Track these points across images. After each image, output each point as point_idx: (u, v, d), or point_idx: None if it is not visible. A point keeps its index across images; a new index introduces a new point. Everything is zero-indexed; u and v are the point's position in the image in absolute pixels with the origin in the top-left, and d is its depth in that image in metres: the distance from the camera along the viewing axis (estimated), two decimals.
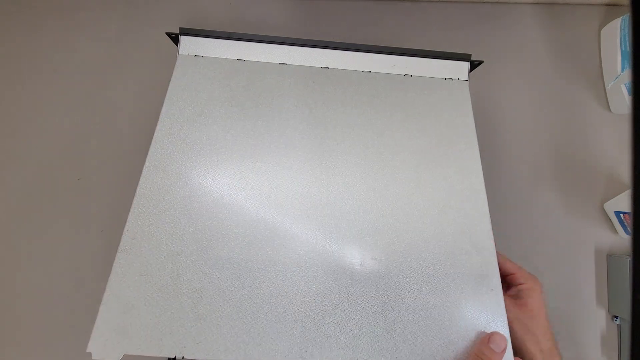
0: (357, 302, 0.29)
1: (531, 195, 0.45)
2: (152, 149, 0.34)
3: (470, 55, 0.41)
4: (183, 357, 0.26)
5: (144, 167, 0.33)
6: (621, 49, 0.45)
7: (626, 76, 0.44)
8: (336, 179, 0.35)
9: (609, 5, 0.51)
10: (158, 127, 0.35)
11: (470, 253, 0.32)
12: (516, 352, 0.29)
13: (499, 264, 0.32)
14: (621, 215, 0.42)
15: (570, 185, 0.45)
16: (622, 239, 0.43)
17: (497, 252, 0.32)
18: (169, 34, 0.40)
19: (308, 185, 0.34)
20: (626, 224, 0.42)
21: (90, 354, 0.26)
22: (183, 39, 0.40)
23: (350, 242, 0.32)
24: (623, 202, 0.41)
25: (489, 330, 0.29)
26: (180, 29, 0.40)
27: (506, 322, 0.29)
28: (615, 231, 0.43)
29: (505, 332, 0.29)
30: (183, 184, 0.33)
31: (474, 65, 0.42)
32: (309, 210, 0.33)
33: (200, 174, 0.34)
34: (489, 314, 0.30)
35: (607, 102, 0.48)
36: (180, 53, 0.40)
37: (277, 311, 0.28)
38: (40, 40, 0.49)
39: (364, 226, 0.33)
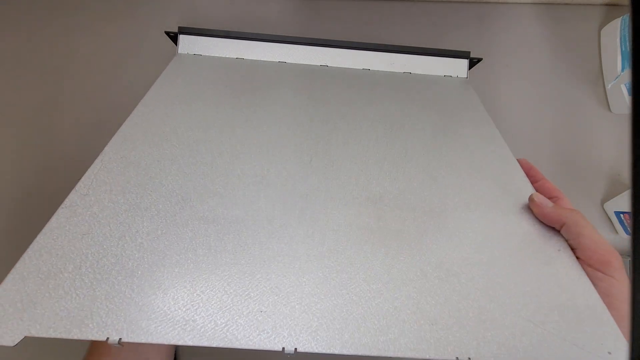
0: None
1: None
2: (135, 112, 0.33)
3: (469, 52, 0.41)
4: (120, 340, 0.19)
5: (121, 127, 0.31)
6: (621, 49, 0.45)
7: (626, 76, 0.44)
8: (346, 148, 0.32)
9: (609, 5, 0.51)
10: (142, 100, 0.34)
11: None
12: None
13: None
14: (621, 215, 0.41)
15: (570, 185, 0.45)
16: (622, 239, 0.43)
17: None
18: (168, 33, 0.40)
19: (312, 159, 0.31)
20: (626, 224, 0.41)
21: None
22: (182, 37, 0.40)
23: (370, 204, 0.27)
24: (623, 202, 0.41)
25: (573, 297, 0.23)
26: (179, 27, 0.40)
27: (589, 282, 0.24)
28: (615, 231, 0.43)
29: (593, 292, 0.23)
30: (161, 141, 0.30)
31: (473, 63, 0.42)
32: (318, 173, 0.29)
33: (186, 133, 0.31)
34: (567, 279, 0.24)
35: (607, 102, 0.47)
36: (179, 52, 0.40)
37: (268, 287, 0.22)
38: (40, 40, 0.49)
39: (382, 188, 0.29)
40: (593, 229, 0.24)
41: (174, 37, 0.40)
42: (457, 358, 0.19)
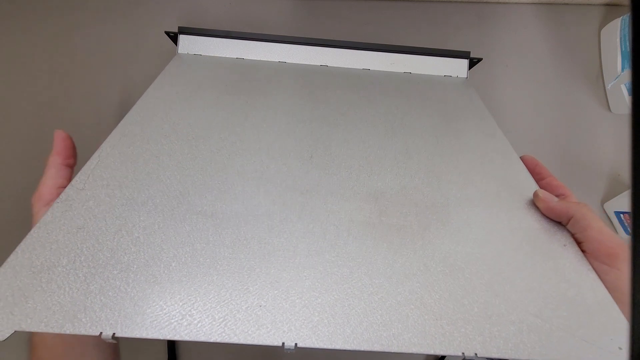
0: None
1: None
2: (134, 108, 0.32)
3: (469, 52, 0.41)
4: (114, 335, 0.18)
5: (119, 123, 0.30)
6: (621, 49, 0.45)
7: (626, 76, 0.44)
8: (347, 145, 0.31)
9: (609, 5, 0.51)
10: (142, 97, 0.33)
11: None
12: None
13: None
14: (621, 215, 0.41)
15: (570, 185, 0.45)
16: (622, 239, 0.43)
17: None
18: (168, 33, 0.40)
19: (314, 155, 0.30)
20: (626, 224, 0.41)
21: None
22: (182, 37, 0.40)
23: (371, 199, 0.27)
24: (623, 202, 0.41)
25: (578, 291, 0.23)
26: (179, 27, 0.40)
27: (597, 277, 0.23)
28: (615, 231, 0.43)
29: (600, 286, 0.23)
30: (159, 138, 0.29)
31: (473, 63, 0.42)
32: (319, 166, 0.29)
33: (185, 130, 0.31)
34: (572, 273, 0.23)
35: (607, 102, 0.47)
36: (179, 52, 0.40)
37: (268, 281, 0.21)
38: (40, 40, 0.49)
39: (383, 184, 0.28)
40: (601, 221, 0.24)
41: (174, 37, 0.41)
42: (463, 354, 0.19)
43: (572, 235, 0.25)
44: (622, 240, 0.23)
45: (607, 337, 0.20)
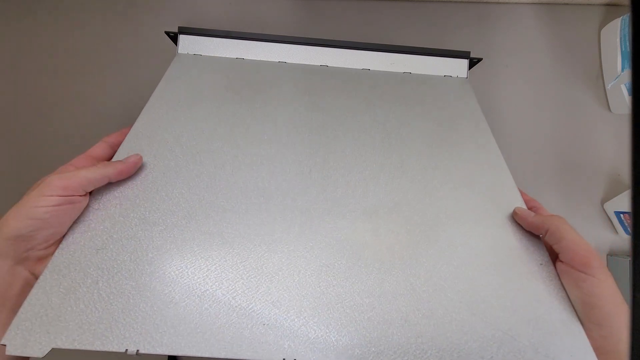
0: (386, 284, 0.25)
1: (531, 195, 0.45)
2: (139, 119, 0.32)
3: (469, 52, 0.41)
4: (138, 352, 0.20)
5: (126, 137, 0.31)
6: (621, 49, 0.45)
7: (626, 76, 0.44)
8: (344, 159, 0.32)
9: (609, 5, 0.51)
10: (146, 106, 0.34)
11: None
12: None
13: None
14: (621, 215, 0.41)
15: (570, 185, 0.45)
16: (622, 239, 0.43)
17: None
18: (167, 33, 0.40)
19: (312, 167, 0.31)
20: (626, 224, 0.41)
21: (4, 346, 0.20)
22: (182, 37, 0.40)
23: (365, 217, 0.28)
24: (623, 202, 0.41)
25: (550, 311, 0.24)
26: (179, 27, 0.40)
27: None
28: (615, 231, 0.43)
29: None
30: (167, 153, 0.30)
31: (473, 63, 0.42)
32: (315, 179, 0.30)
33: (189, 143, 0.31)
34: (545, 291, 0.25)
35: (607, 102, 0.47)
36: (179, 52, 0.40)
37: (270, 301, 0.23)
38: (40, 40, 0.49)
39: (378, 201, 0.29)
40: (574, 231, 0.26)
41: (174, 37, 0.40)
42: None
43: (551, 247, 0.27)
44: (593, 249, 0.25)
45: (567, 354, 0.22)
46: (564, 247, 0.25)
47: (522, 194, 0.31)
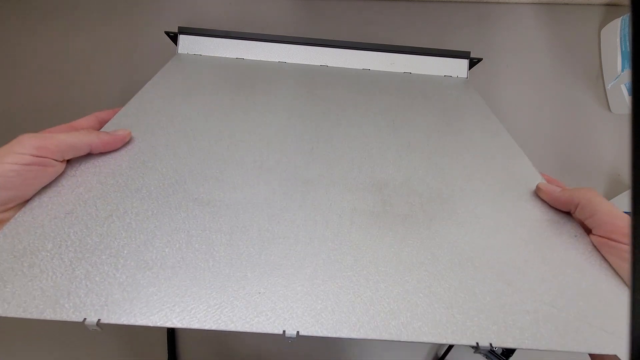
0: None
1: None
2: (132, 101, 0.32)
3: (469, 52, 0.41)
4: (99, 321, 0.17)
5: (115, 115, 0.30)
6: (621, 49, 0.45)
7: (626, 76, 0.44)
8: (348, 139, 0.31)
9: (609, 5, 0.51)
10: (140, 91, 0.33)
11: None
12: None
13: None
14: None
15: (570, 185, 0.45)
16: None
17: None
18: (167, 33, 0.40)
19: (317, 153, 0.29)
20: None
21: None
22: (182, 37, 0.40)
23: (375, 189, 0.26)
24: (623, 202, 0.41)
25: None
26: (179, 27, 0.40)
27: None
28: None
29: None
30: (160, 128, 0.29)
31: (473, 63, 0.42)
32: (320, 165, 0.28)
33: (183, 123, 0.30)
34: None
35: (607, 102, 0.47)
36: (179, 52, 0.40)
37: (267, 268, 0.21)
38: (41, 40, 0.49)
39: (387, 175, 0.28)
40: (608, 203, 0.23)
41: (174, 37, 0.40)
42: (477, 343, 0.18)
43: (582, 222, 0.25)
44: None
45: (626, 327, 0.20)
46: (599, 221, 0.23)
47: (544, 175, 0.30)
